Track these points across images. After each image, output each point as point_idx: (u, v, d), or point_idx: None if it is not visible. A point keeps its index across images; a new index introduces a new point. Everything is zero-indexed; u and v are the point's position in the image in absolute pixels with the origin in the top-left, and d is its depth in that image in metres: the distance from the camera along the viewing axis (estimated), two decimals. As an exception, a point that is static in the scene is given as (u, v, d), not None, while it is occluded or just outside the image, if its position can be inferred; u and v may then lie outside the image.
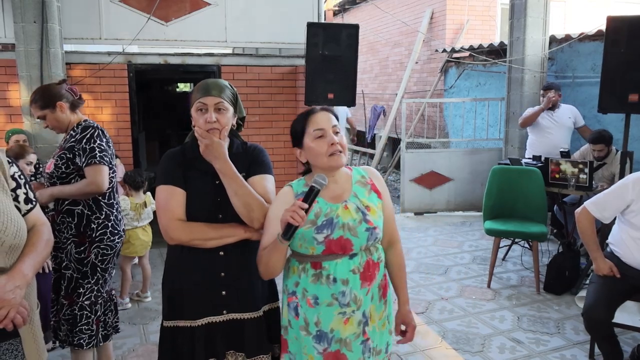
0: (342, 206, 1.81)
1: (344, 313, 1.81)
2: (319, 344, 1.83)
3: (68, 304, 2.68)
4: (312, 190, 1.65)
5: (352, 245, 1.79)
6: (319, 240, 1.77)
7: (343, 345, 1.82)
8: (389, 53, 11.98)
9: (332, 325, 1.81)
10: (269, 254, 1.77)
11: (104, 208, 2.72)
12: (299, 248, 1.83)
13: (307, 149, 1.83)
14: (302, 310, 1.84)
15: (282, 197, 1.85)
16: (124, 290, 4.09)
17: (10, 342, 1.55)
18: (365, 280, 1.83)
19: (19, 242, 1.55)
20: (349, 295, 1.79)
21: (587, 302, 2.97)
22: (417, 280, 4.60)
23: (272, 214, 1.84)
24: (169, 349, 1.98)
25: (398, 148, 8.51)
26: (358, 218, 1.80)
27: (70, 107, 2.75)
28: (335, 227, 1.78)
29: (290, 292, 1.89)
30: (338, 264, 1.79)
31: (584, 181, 4.50)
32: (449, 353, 3.33)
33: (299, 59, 5.68)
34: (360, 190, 1.88)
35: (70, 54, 5.10)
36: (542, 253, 4.79)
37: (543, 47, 6.18)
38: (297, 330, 1.87)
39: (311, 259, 1.82)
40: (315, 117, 1.81)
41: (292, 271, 1.88)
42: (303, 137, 1.82)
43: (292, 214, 1.60)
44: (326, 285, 1.79)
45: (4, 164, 1.61)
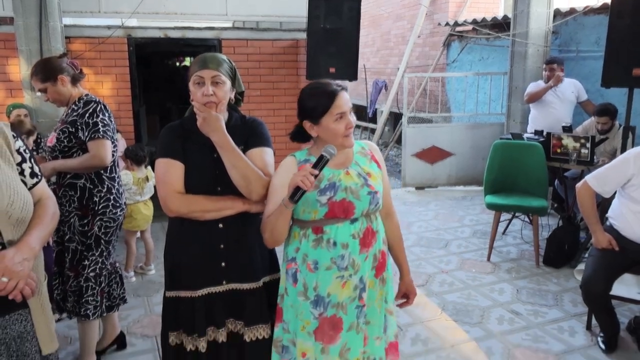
0: (344, 172, 1.89)
1: (342, 277, 1.88)
2: (315, 309, 1.89)
3: (74, 276, 2.72)
4: (322, 158, 1.72)
5: (354, 208, 1.86)
6: (322, 202, 1.83)
7: (339, 308, 1.89)
8: (391, 26, 11.84)
9: (330, 289, 1.88)
10: (274, 220, 1.82)
11: (105, 181, 2.74)
12: (301, 214, 1.87)
13: (324, 127, 1.85)
14: (302, 276, 1.90)
15: (286, 166, 1.91)
16: (128, 263, 4.14)
17: (19, 312, 1.58)
18: (364, 246, 1.90)
19: (26, 215, 1.57)
20: (347, 259, 1.87)
21: (586, 275, 3.01)
22: (417, 254, 4.65)
23: (276, 182, 1.89)
24: (172, 318, 2.04)
25: (399, 123, 8.49)
26: (360, 182, 1.88)
27: (71, 80, 2.74)
28: (338, 190, 1.85)
29: (290, 258, 1.94)
30: (339, 228, 1.86)
31: (586, 156, 4.50)
32: (448, 324, 3.39)
33: (300, 32, 5.62)
34: (361, 159, 1.96)
35: (69, 27, 5.05)
36: (542, 227, 4.83)
37: (547, 21, 6.11)
38: (294, 297, 1.92)
39: (313, 224, 1.88)
40: (339, 100, 1.83)
41: (293, 237, 1.94)
42: (323, 116, 1.83)
43: (303, 178, 1.67)
44: (326, 249, 1.86)
45: (9, 138, 1.62)
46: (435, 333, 3.27)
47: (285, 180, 1.79)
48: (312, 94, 1.88)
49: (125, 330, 3.29)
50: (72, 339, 3.21)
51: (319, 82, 1.93)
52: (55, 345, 1.69)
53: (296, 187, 1.69)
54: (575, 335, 3.24)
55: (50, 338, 1.66)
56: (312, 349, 1.91)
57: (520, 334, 3.26)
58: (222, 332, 2.01)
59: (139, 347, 3.14)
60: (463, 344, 3.15)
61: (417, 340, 3.19)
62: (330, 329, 1.90)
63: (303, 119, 1.92)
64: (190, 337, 1.99)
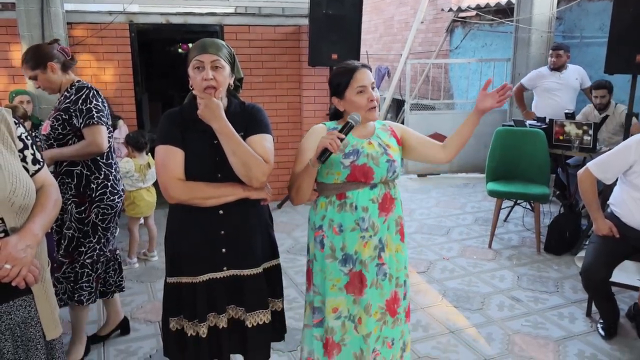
0: (367, 142, 2.10)
1: (364, 237, 2.09)
2: (344, 266, 2.11)
3: (68, 262, 2.72)
4: (347, 124, 1.95)
5: (373, 173, 2.06)
6: (345, 165, 2.04)
7: (363, 266, 2.10)
8: (394, 12, 11.75)
9: (356, 248, 2.09)
10: (301, 178, 2.04)
11: (102, 168, 2.74)
12: (324, 177, 2.09)
13: (348, 101, 2.08)
14: (329, 240, 2.11)
15: (316, 132, 2.12)
16: (131, 250, 4.17)
17: (23, 298, 1.60)
18: (383, 210, 2.11)
19: (29, 202, 1.57)
20: (367, 221, 2.08)
21: (586, 261, 3.02)
22: (419, 241, 4.67)
23: (303, 145, 2.10)
24: (173, 304, 2.06)
25: (402, 109, 8.46)
26: (380, 151, 2.09)
27: (61, 67, 2.71)
28: (361, 155, 2.06)
29: (317, 226, 2.15)
30: (360, 193, 2.07)
31: (588, 143, 4.49)
32: (449, 310, 3.41)
33: (303, 18, 5.58)
34: (382, 133, 2.17)
35: (71, 13, 5.03)
36: (543, 214, 4.84)
37: (551, 6, 6.06)
38: (322, 261, 2.13)
39: (336, 190, 2.09)
40: (358, 74, 2.06)
41: (320, 206, 2.15)
42: (345, 90, 2.06)
43: (331, 141, 1.87)
44: (350, 213, 2.08)
45: (11, 124, 1.62)
46: (436, 319, 3.30)
47: (313, 144, 2.00)
48: (337, 73, 2.12)
49: (128, 316, 3.32)
50: (76, 324, 3.24)
51: (344, 62, 2.17)
52: (59, 331, 1.71)
53: (324, 148, 1.88)
54: (575, 321, 3.26)
55: (54, 324, 1.68)
56: (344, 302, 2.12)
57: (520, 320, 3.29)
58: (222, 318, 2.03)
59: (142, 332, 3.18)
60: (463, 330, 3.18)
61: (417, 326, 3.21)
62: (359, 282, 2.10)
63: (332, 97, 2.14)
64: (190, 322, 2.01)
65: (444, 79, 9.12)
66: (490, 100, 2.10)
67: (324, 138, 1.90)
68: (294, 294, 3.59)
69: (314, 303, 2.17)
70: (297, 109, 5.72)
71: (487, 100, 2.11)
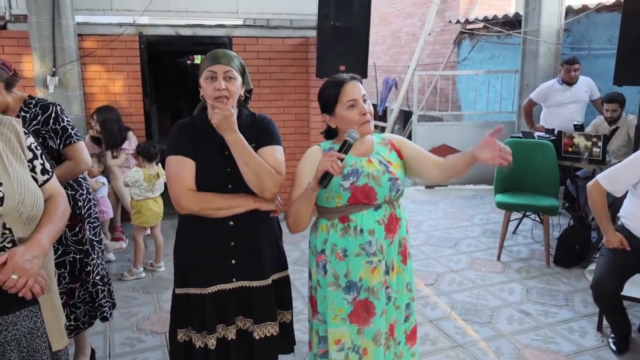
0: (366, 160, 1.99)
1: (371, 262, 1.97)
2: (348, 294, 1.98)
3: (79, 286, 2.62)
4: (345, 143, 1.85)
5: (375, 194, 1.95)
6: (345, 187, 1.93)
7: (371, 293, 1.98)
8: (402, 24, 11.79)
9: (361, 275, 1.97)
10: (299, 204, 1.94)
11: (82, 183, 2.66)
12: (324, 201, 1.98)
13: (339, 117, 1.97)
14: (331, 266, 1.99)
15: (311, 154, 2.01)
16: (137, 260, 4.16)
17: (29, 309, 1.59)
18: (389, 232, 1.99)
19: (37, 213, 1.58)
20: (375, 245, 1.96)
21: (597, 274, 2.98)
22: (427, 253, 4.63)
23: (301, 169, 1.99)
24: (181, 315, 2.05)
25: (410, 121, 8.46)
26: (381, 169, 1.98)
27: (5, 86, 2.40)
28: (361, 175, 1.95)
29: (319, 250, 2.03)
30: (364, 216, 1.96)
31: (597, 155, 4.46)
32: (457, 324, 3.37)
33: (311, 30, 5.61)
34: (381, 149, 2.06)
35: (81, 25, 5.08)
36: (553, 227, 4.79)
37: (559, 18, 6.06)
38: (325, 289, 2.01)
39: (338, 214, 1.97)
40: (347, 88, 1.94)
41: (321, 230, 2.03)
42: (335, 105, 1.95)
43: (332, 164, 1.77)
44: (354, 237, 1.95)
45: (21, 134, 1.63)
46: (444, 332, 3.26)
47: (311, 167, 1.90)
48: (325, 87, 2.01)
49: (134, 327, 3.32)
50: (82, 335, 3.24)
51: (332, 76, 2.04)
52: (65, 342, 1.71)
53: (325, 172, 1.79)
54: (586, 336, 3.22)
55: (60, 335, 1.68)
56: (347, 333, 2.00)
57: (530, 334, 3.24)
58: (231, 330, 2.02)
59: (148, 343, 3.17)
60: (472, 343, 3.14)
61: (425, 339, 3.18)
62: (364, 311, 1.98)
63: (323, 113, 2.03)
64: (199, 334, 2.00)
65: (452, 91, 9.11)
66: (489, 153, 1.86)
67: (324, 160, 1.80)
68: (301, 305, 3.57)
69: (319, 332, 2.08)
70: (305, 120, 5.73)
71: (486, 151, 1.87)
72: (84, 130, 5.03)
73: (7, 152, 1.57)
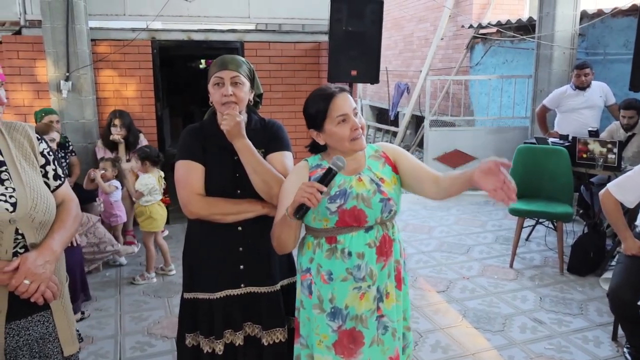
0: (356, 178, 1.80)
1: (360, 288, 1.78)
2: (333, 322, 1.80)
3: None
4: (329, 171, 1.64)
5: (366, 217, 1.76)
6: (332, 210, 1.75)
7: (359, 322, 1.79)
8: (414, 29, 11.77)
9: (347, 302, 1.78)
10: (280, 229, 1.75)
11: None
12: (312, 222, 1.80)
13: (328, 134, 1.78)
14: (316, 287, 1.81)
15: (297, 171, 1.85)
16: (149, 265, 4.16)
17: (41, 314, 1.60)
18: (382, 255, 1.80)
19: (49, 218, 1.58)
20: (364, 269, 1.77)
21: (613, 282, 2.93)
22: (438, 259, 4.60)
23: (286, 188, 1.81)
24: (189, 320, 2.05)
25: (422, 126, 8.42)
26: (372, 189, 1.78)
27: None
28: (349, 197, 1.76)
29: (304, 269, 1.86)
30: (353, 237, 1.77)
31: (612, 161, 4.40)
32: (469, 331, 3.33)
33: (322, 35, 5.62)
34: (374, 163, 1.86)
35: (95, 30, 5.13)
36: (566, 234, 4.73)
37: (574, 23, 6.00)
38: (310, 310, 1.84)
39: (325, 234, 1.79)
40: (337, 101, 1.75)
41: (307, 247, 1.86)
42: (324, 121, 1.76)
43: (309, 196, 1.57)
44: (341, 260, 1.77)
45: (34, 140, 1.64)
46: (456, 340, 3.23)
47: (294, 185, 1.69)
48: (311, 101, 1.82)
49: (145, 331, 3.32)
50: (93, 339, 3.25)
51: (318, 88, 1.86)
52: (77, 347, 1.71)
53: (301, 203, 1.60)
54: (601, 345, 3.16)
55: (72, 339, 1.68)
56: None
57: (543, 343, 3.20)
58: (239, 335, 2.01)
59: (158, 347, 3.16)
60: (484, 352, 3.10)
61: (437, 347, 3.14)
62: (350, 342, 1.79)
63: (310, 129, 1.85)
64: (207, 339, 2.00)
65: (465, 96, 9.06)
66: (491, 184, 1.61)
67: (302, 191, 1.59)
68: (312, 311, 3.55)
69: (301, 357, 1.91)
70: (316, 125, 5.73)
71: (489, 179, 1.62)
72: (97, 134, 5.07)
73: (20, 158, 1.58)
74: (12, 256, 1.49)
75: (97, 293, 3.88)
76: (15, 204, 1.50)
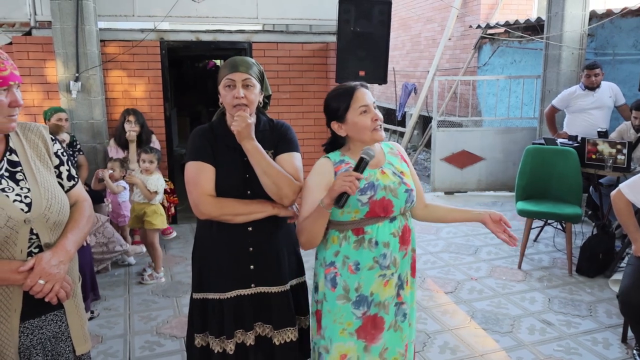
0: (379, 171, 1.93)
1: (384, 275, 1.92)
2: (358, 309, 1.92)
3: None
4: (362, 160, 1.77)
5: (393, 206, 1.90)
6: (363, 202, 1.86)
7: (381, 308, 1.93)
8: (422, 29, 11.75)
9: (373, 289, 1.91)
10: (313, 222, 1.86)
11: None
12: (340, 215, 1.90)
13: (351, 124, 1.91)
14: (342, 279, 1.92)
15: (321, 168, 1.94)
16: (157, 265, 4.17)
17: (55, 313, 1.61)
18: (403, 244, 1.95)
19: (63, 218, 1.60)
20: (389, 257, 1.91)
21: (624, 284, 2.91)
22: (446, 260, 4.59)
23: (310, 184, 1.92)
24: (199, 320, 2.06)
25: (429, 126, 8.41)
26: (396, 181, 1.93)
27: None
28: (378, 189, 1.89)
29: (329, 263, 1.95)
30: (380, 227, 1.90)
31: (622, 162, 4.38)
32: (477, 333, 3.33)
33: (330, 35, 5.62)
34: (393, 159, 2.01)
35: (104, 31, 5.16)
36: (575, 235, 4.72)
37: (582, 23, 5.97)
38: (333, 302, 1.94)
39: (352, 226, 1.90)
40: (358, 94, 1.90)
41: (332, 241, 1.95)
42: (347, 112, 1.90)
43: (350, 184, 1.70)
44: (368, 250, 1.90)
45: (48, 141, 1.65)
46: (464, 341, 3.22)
47: (320, 181, 1.87)
48: (333, 96, 1.96)
49: (154, 331, 3.34)
50: (102, 338, 3.27)
51: (338, 85, 2.02)
52: (89, 346, 1.73)
53: (342, 192, 1.72)
54: (610, 347, 3.15)
55: (84, 338, 1.70)
56: (354, 348, 1.93)
57: (552, 344, 3.19)
58: (250, 335, 2.02)
59: (167, 347, 3.18)
60: (492, 353, 3.09)
61: (445, 348, 3.14)
62: (372, 327, 1.93)
63: (331, 122, 1.96)
64: (217, 339, 2.00)
65: (472, 96, 9.04)
66: (498, 229, 1.97)
67: (341, 180, 1.72)
68: (320, 312, 3.56)
69: (316, 348, 2.03)
70: (324, 125, 5.72)
71: (496, 226, 1.98)
72: (106, 134, 5.10)
73: (35, 159, 1.60)
74: (27, 256, 1.51)
75: (106, 292, 3.90)
76: (30, 204, 1.51)
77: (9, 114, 1.50)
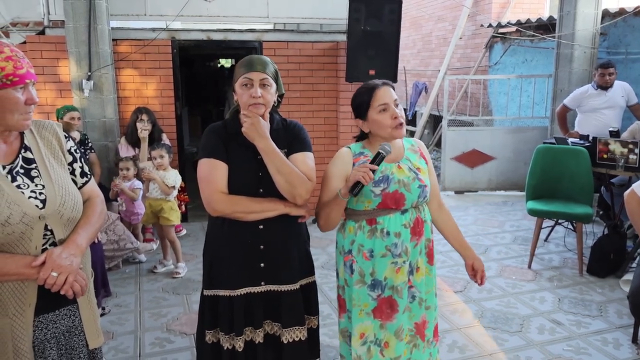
0: (396, 166, 2.04)
1: (396, 263, 2.04)
2: (373, 292, 2.06)
3: None
4: (378, 155, 1.90)
5: (404, 200, 2.01)
6: (376, 193, 1.99)
7: (395, 292, 2.06)
8: (432, 28, 11.71)
9: (386, 274, 2.05)
10: (330, 209, 2.02)
11: None
12: (354, 204, 2.05)
13: (371, 121, 2.02)
14: (358, 265, 2.07)
15: (341, 157, 2.06)
16: (178, 256, 4.26)
17: (68, 307, 1.64)
18: (415, 234, 2.07)
19: (76, 215, 1.62)
20: (400, 247, 2.04)
21: (635, 284, 2.90)
22: (455, 259, 4.58)
23: (330, 172, 2.05)
24: (209, 317, 2.07)
25: (439, 126, 8.38)
26: (411, 176, 2.04)
27: None
28: (391, 182, 2.00)
29: (347, 251, 2.10)
30: (391, 219, 2.02)
31: (634, 162, 4.35)
32: (486, 332, 3.32)
33: (341, 34, 5.62)
34: (411, 155, 2.12)
35: (116, 30, 5.20)
36: (586, 235, 4.69)
37: (595, 22, 5.93)
38: (352, 287, 2.08)
39: (366, 216, 2.04)
40: (379, 93, 1.99)
41: (349, 231, 2.10)
42: (368, 110, 2.00)
43: (364, 174, 1.84)
44: (380, 239, 2.03)
45: (62, 138, 1.68)
46: (473, 340, 3.22)
47: (340, 170, 2.01)
48: (357, 94, 2.07)
49: (164, 328, 3.37)
50: (114, 334, 3.31)
51: (365, 82, 2.10)
52: (102, 340, 1.75)
53: (357, 181, 1.85)
54: (620, 347, 3.13)
55: (97, 333, 1.72)
56: (371, 327, 2.08)
57: (562, 344, 3.18)
58: (259, 333, 2.03)
59: (177, 344, 3.21)
60: (502, 352, 3.09)
61: (454, 347, 3.14)
62: (387, 307, 2.07)
63: (356, 118, 2.08)
64: (227, 335, 2.02)
65: (483, 95, 9.00)
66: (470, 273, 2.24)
67: (356, 170, 1.88)
68: (329, 310, 3.57)
69: (349, 330, 2.15)
70: (334, 124, 5.74)
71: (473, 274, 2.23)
72: (117, 132, 5.14)
73: (49, 156, 1.63)
74: (42, 252, 1.53)
75: (117, 289, 3.95)
76: (44, 200, 1.54)
77: (25, 112, 1.53)
